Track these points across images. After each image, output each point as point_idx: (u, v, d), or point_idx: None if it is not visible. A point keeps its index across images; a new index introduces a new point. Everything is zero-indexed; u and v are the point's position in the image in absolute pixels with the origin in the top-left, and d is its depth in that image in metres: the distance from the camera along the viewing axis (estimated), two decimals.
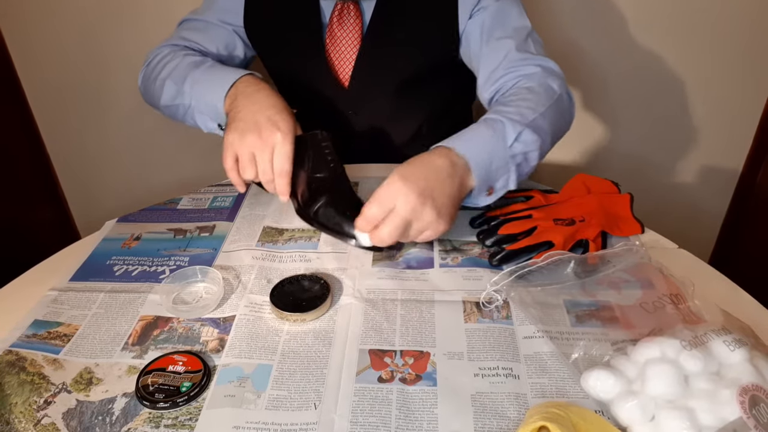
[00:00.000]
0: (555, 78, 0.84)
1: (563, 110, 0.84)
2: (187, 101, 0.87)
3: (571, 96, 0.87)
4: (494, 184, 0.75)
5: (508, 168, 0.74)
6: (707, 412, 0.50)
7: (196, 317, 0.69)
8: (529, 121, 0.75)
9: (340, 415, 0.56)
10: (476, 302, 0.69)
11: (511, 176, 0.75)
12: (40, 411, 0.57)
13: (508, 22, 0.91)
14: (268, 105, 0.77)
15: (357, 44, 0.95)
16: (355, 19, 0.94)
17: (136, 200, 1.09)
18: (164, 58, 0.92)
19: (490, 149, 0.73)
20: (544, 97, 0.80)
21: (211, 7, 0.98)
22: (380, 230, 0.67)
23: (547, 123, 0.78)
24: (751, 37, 1.33)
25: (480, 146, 0.72)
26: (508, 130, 0.73)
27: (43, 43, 1.47)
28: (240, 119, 0.77)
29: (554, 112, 0.80)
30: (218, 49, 0.98)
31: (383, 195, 0.67)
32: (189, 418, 0.56)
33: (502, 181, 0.75)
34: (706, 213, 1.58)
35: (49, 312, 0.70)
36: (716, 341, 0.55)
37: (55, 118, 1.59)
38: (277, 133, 0.74)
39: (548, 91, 0.82)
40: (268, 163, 0.75)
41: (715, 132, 1.46)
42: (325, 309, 0.69)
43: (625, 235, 0.79)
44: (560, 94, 0.83)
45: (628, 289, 0.68)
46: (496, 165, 0.73)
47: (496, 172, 0.73)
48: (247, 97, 0.79)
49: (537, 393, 0.58)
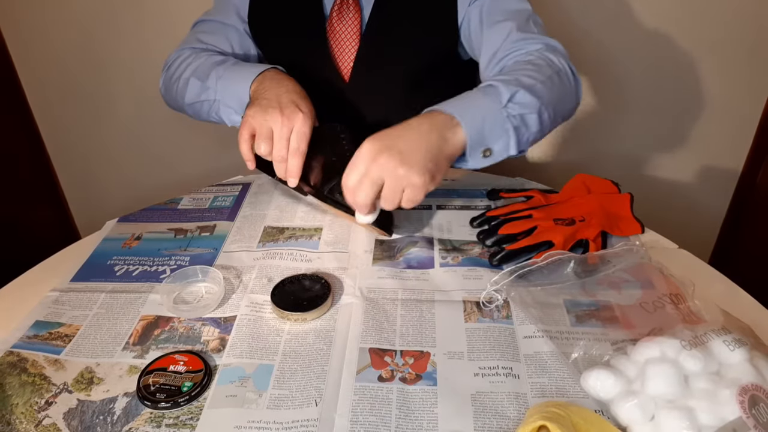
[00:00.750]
0: (557, 54, 0.83)
1: (565, 84, 0.82)
2: (212, 96, 0.88)
3: (575, 73, 0.85)
4: (491, 145, 0.72)
5: (506, 128, 0.72)
6: (707, 412, 0.50)
7: (197, 317, 0.69)
8: (525, 84, 0.74)
9: (340, 414, 0.56)
10: (476, 302, 0.69)
11: (510, 139, 0.72)
12: (41, 411, 0.58)
13: (507, 5, 0.91)
14: (294, 90, 0.80)
15: (357, 38, 0.95)
16: (354, 13, 0.94)
17: (136, 200, 1.09)
18: (186, 59, 0.93)
19: (482, 107, 0.71)
20: (545, 68, 0.79)
21: (225, 7, 0.99)
22: (357, 194, 0.67)
23: (547, 90, 0.76)
24: (751, 37, 1.33)
25: (469, 103, 0.72)
26: (502, 91, 0.72)
27: (43, 43, 1.47)
28: (264, 98, 0.78)
29: (555, 84, 0.79)
30: (233, 49, 0.98)
31: (355, 158, 0.67)
32: (190, 418, 0.57)
33: (501, 143, 0.72)
34: (706, 213, 1.58)
35: (51, 313, 0.70)
36: (716, 341, 0.55)
37: (55, 118, 1.59)
38: (299, 113, 0.75)
39: (550, 64, 0.80)
40: (285, 140, 0.75)
41: (715, 132, 1.46)
42: (325, 308, 0.69)
43: (625, 235, 0.79)
44: (561, 67, 0.82)
45: (628, 289, 0.68)
46: (490, 123, 0.71)
47: (491, 131, 0.71)
48: (273, 81, 0.81)
49: (537, 393, 0.58)
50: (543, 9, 1.33)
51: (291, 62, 1.02)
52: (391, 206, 0.68)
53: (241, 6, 0.98)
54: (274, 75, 0.83)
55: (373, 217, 0.72)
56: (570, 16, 1.35)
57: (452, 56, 0.98)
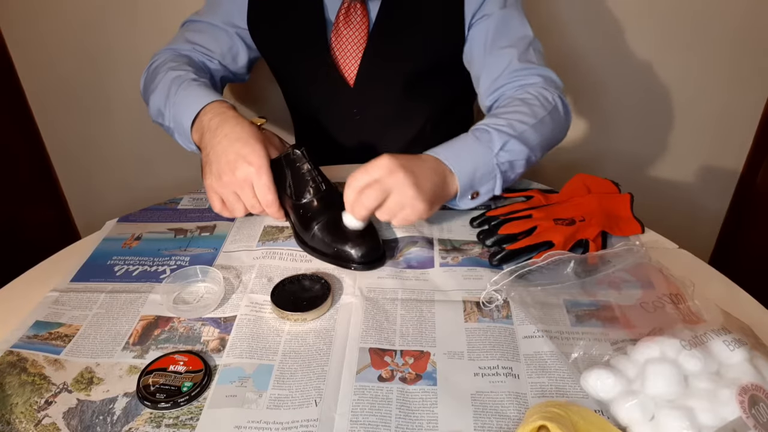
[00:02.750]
0: (553, 89, 0.87)
1: (557, 120, 0.86)
2: (167, 123, 0.88)
3: (566, 106, 0.89)
4: (479, 188, 0.79)
5: (494, 175, 0.78)
6: (707, 412, 0.50)
7: (196, 317, 0.69)
8: (518, 132, 0.79)
9: (340, 413, 0.56)
10: (476, 302, 0.69)
11: (497, 182, 0.79)
12: (40, 411, 0.57)
13: (511, 31, 0.93)
14: (234, 139, 0.77)
15: (363, 43, 0.95)
16: (361, 18, 0.94)
17: (136, 200, 1.09)
18: (158, 68, 0.92)
19: (474, 154, 0.76)
20: (538, 108, 0.83)
21: (215, 9, 0.99)
22: (363, 195, 0.69)
23: (537, 134, 0.81)
24: (751, 37, 1.33)
25: (464, 154, 0.76)
26: (495, 140, 0.77)
27: (43, 43, 1.47)
28: (212, 161, 0.78)
29: (547, 123, 0.83)
30: (222, 51, 0.98)
31: (370, 165, 0.70)
32: (190, 418, 0.57)
33: (488, 186, 0.79)
34: (706, 213, 1.58)
35: (51, 313, 0.70)
36: (716, 341, 0.55)
37: (55, 118, 1.59)
38: (250, 168, 0.75)
39: (543, 102, 0.84)
40: (253, 198, 0.78)
41: (715, 132, 1.46)
42: (325, 308, 0.69)
43: (625, 235, 0.79)
44: (555, 104, 0.86)
45: (628, 289, 0.68)
46: (481, 172, 0.77)
47: (481, 178, 0.77)
48: (212, 134, 0.79)
49: (537, 392, 0.58)
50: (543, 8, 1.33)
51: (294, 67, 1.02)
52: (387, 217, 0.72)
53: (234, 10, 0.98)
54: (210, 121, 0.80)
55: (361, 225, 0.74)
56: (570, 16, 1.35)
57: (456, 60, 0.99)
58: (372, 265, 0.75)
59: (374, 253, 0.76)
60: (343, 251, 0.75)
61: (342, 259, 0.76)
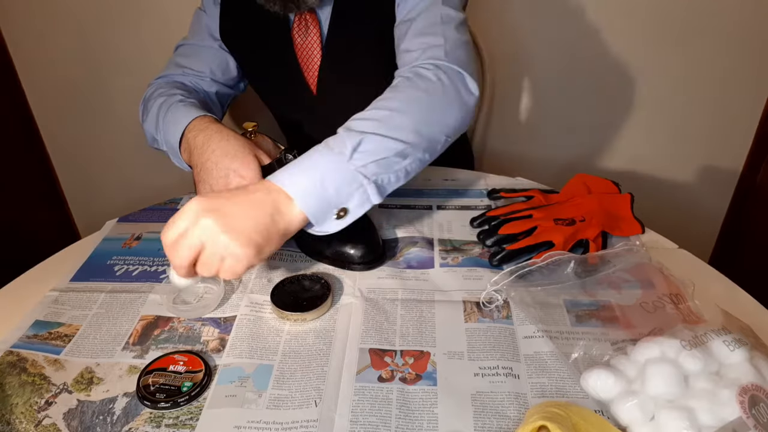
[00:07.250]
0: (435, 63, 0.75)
1: (439, 98, 0.72)
2: (162, 147, 0.89)
3: (462, 80, 0.75)
4: (345, 204, 0.65)
5: (358, 182, 0.64)
6: (707, 412, 0.50)
7: (196, 317, 0.69)
8: (374, 127, 0.66)
9: (340, 414, 0.56)
10: (476, 302, 0.69)
11: (368, 191, 0.65)
12: (41, 411, 0.57)
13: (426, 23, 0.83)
14: (221, 155, 0.74)
15: (319, 52, 0.95)
16: (313, 28, 0.93)
17: (136, 200, 1.09)
18: (149, 98, 0.92)
19: (322, 170, 0.63)
20: (408, 91, 0.72)
21: (198, 28, 1.00)
22: (173, 253, 0.59)
23: (407, 119, 0.68)
24: (751, 37, 1.33)
25: (308, 169, 0.63)
26: (345, 142, 0.64)
27: (43, 43, 1.47)
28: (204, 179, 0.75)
29: (422, 105, 0.71)
30: (212, 69, 0.99)
31: (177, 214, 0.59)
32: (190, 418, 0.57)
33: (357, 199, 0.65)
34: (706, 213, 1.58)
35: (50, 312, 0.70)
36: (716, 341, 0.55)
37: (55, 118, 1.59)
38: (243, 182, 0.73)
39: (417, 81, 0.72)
40: None
41: (715, 132, 1.46)
42: (325, 309, 0.69)
43: (626, 235, 0.79)
44: (433, 80, 0.73)
45: (628, 289, 0.68)
46: (336, 185, 0.63)
47: (338, 192, 0.63)
48: (200, 152, 0.77)
49: (537, 393, 0.58)
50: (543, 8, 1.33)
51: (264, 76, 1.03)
52: (208, 273, 0.60)
53: (212, 24, 0.99)
54: (195, 139, 0.78)
55: (187, 282, 0.63)
56: (570, 16, 1.35)
57: None
58: (372, 266, 0.75)
59: (374, 254, 0.76)
60: (342, 252, 0.75)
61: (342, 259, 0.75)
